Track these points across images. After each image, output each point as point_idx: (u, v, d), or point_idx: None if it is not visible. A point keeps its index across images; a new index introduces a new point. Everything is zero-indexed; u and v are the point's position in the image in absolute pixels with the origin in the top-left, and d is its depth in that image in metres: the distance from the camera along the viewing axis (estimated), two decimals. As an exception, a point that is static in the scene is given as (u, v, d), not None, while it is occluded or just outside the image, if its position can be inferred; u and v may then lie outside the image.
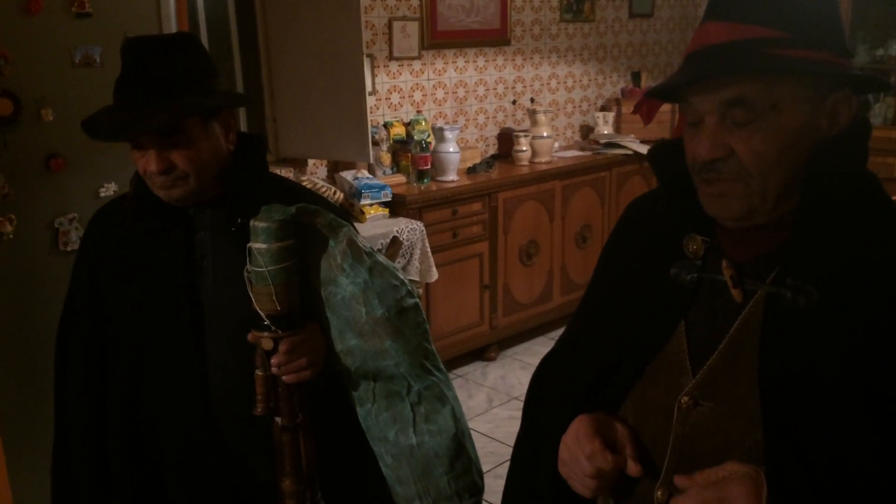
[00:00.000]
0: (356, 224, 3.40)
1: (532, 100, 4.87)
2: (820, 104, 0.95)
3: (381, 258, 1.37)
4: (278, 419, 1.35)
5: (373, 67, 4.05)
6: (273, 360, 1.30)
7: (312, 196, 1.53)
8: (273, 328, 1.29)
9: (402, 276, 1.38)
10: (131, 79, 1.33)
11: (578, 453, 1.04)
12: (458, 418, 1.42)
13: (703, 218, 1.03)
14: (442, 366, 1.46)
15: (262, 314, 1.29)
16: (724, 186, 0.95)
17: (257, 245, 1.26)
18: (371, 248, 1.37)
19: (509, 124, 4.77)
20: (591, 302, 1.24)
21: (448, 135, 3.97)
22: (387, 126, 4.10)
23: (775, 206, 0.96)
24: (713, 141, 0.94)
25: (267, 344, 1.30)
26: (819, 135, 0.95)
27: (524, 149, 4.37)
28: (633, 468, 1.02)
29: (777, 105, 0.92)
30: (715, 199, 0.97)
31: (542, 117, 4.43)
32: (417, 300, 1.41)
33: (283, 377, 1.32)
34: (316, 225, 1.32)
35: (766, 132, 0.93)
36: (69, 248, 2.41)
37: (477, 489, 1.44)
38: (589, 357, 1.13)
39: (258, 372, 1.32)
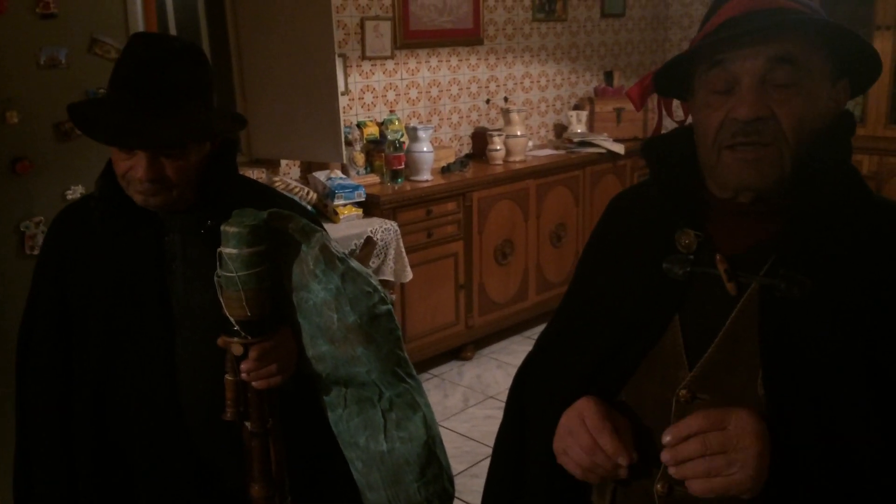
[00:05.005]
0: (330, 224, 3.39)
1: (506, 99, 4.88)
2: (833, 86, 0.99)
3: (355, 264, 1.36)
4: (248, 424, 1.33)
5: (345, 67, 4.03)
6: (242, 366, 1.29)
7: (283, 199, 1.52)
8: (243, 334, 1.28)
9: (375, 283, 1.37)
10: (140, 83, 1.29)
11: (580, 426, 1.03)
12: (429, 425, 1.42)
13: (695, 212, 1.04)
14: (414, 372, 1.46)
15: (232, 319, 1.28)
16: (758, 151, 0.96)
17: (228, 250, 1.25)
18: (344, 253, 1.36)
19: (483, 123, 4.78)
20: (577, 297, 1.23)
21: (422, 134, 3.97)
22: (360, 126, 4.08)
23: (788, 182, 0.97)
24: (756, 99, 0.94)
25: (237, 349, 1.28)
26: (827, 117, 0.98)
27: (498, 148, 4.37)
28: (629, 457, 1.00)
29: (813, 72, 0.95)
30: (748, 165, 0.97)
31: (515, 116, 4.43)
32: (390, 307, 1.40)
33: (253, 383, 1.30)
34: (288, 230, 1.31)
35: (805, 97, 0.95)
36: (35, 252, 2.37)
37: (448, 496, 1.44)
38: (580, 352, 1.12)
39: (228, 377, 1.31)
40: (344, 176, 3.81)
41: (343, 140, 3.56)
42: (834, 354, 0.93)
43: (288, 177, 3.88)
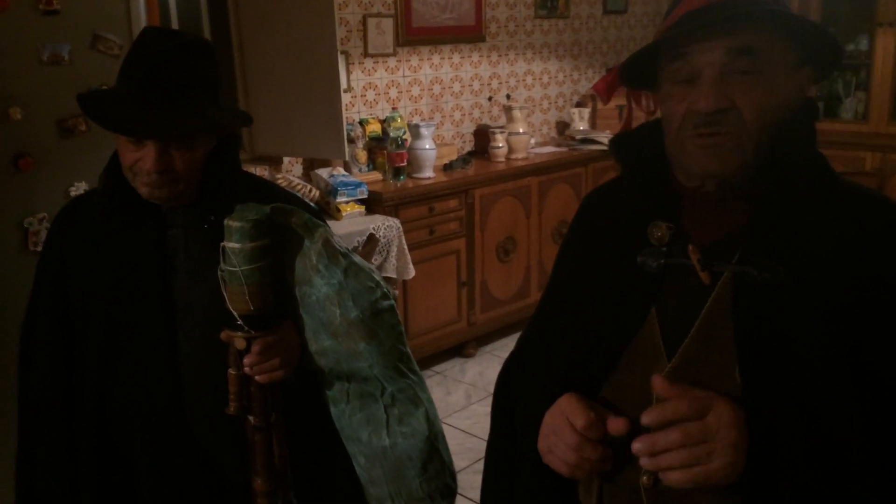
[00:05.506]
0: (332, 222, 3.39)
1: (508, 96, 4.88)
2: (796, 73, 1.01)
3: (358, 259, 1.37)
4: (251, 418, 1.34)
5: (347, 64, 4.03)
6: (246, 360, 1.29)
7: (285, 194, 1.53)
8: (246, 328, 1.28)
9: (377, 278, 1.38)
10: (151, 76, 1.30)
11: (564, 424, 1.03)
12: (431, 421, 1.42)
13: (667, 204, 1.06)
14: (416, 368, 1.46)
15: (235, 314, 1.28)
16: (721, 139, 0.98)
17: (231, 244, 1.25)
18: (347, 248, 1.37)
19: (485, 121, 4.77)
20: (555, 296, 1.24)
21: (424, 131, 3.97)
22: (362, 123, 4.09)
23: (752, 170, 0.99)
24: (717, 91, 0.96)
25: (240, 343, 1.29)
26: (791, 106, 1.00)
27: (500, 145, 4.37)
28: (614, 424, 1.00)
29: (773, 61, 0.97)
30: (711, 150, 0.98)
31: (518, 114, 4.43)
32: (393, 302, 1.40)
33: (256, 377, 1.31)
34: (291, 225, 1.31)
35: (766, 86, 0.97)
36: (38, 248, 2.37)
37: (449, 491, 1.44)
38: (560, 351, 1.13)
39: (231, 371, 1.31)
40: (346, 173, 3.81)
41: (345, 137, 3.56)
42: (808, 338, 0.94)
43: (290, 174, 3.89)
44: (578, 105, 5.20)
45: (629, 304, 1.06)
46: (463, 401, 3.77)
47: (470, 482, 2.99)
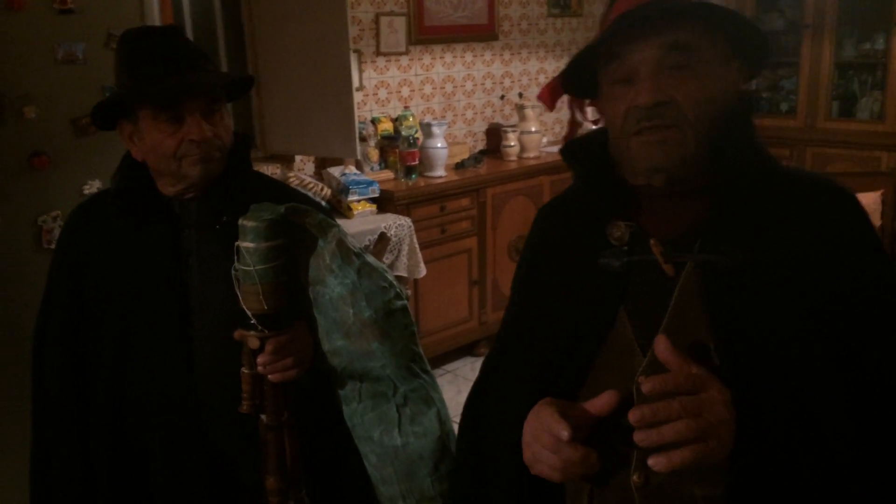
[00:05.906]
0: (343, 220, 3.39)
1: (520, 95, 4.87)
2: (727, 67, 1.04)
3: (371, 259, 1.37)
4: (263, 417, 1.34)
5: (360, 63, 4.04)
6: (259, 359, 1.30)
7: (297, 194, 1.53)
8: (260, 327, 1.28)
9: (391, 278, 1.38)
10: (164, 54, 1.33)
11: (542, 430, 1.01)
12: (443, 421, 1.42)
13: (624, 205, 1.07)
14: (429, 368, 1.46)
15: (249, 313, 1.28)
16: (663, 133, 1.00)
17: (245, 244, 1.25)
18: (361, 249, 1.37)
19: (497, 119, 4.77)
20: (520, 312, 1.23)
21: (436, 130, 3.97)
22: (374, 122, 4.09)
23: (697, 163, 1.01)
24: (655, 85, 0.99)
25: (253, 343, 1.29)
26: (727, 99, 1.03)
27: (512, 144, 4.37)
28: (600, 402, 0.99)
29: (704, 55, 1.01)
30: (655, 146, 1.01)
31: (530, 112, 4.42)
32: (406, 302, 1.41)
33: (269, 376, 1.31)
34: (305, 225, 1.31)
35: (700, 79, 1.00)
36: (52, 246, 2.38)
37: None
38: (532, 362, 1.12)
39: (244, 370, 1.31)
40: (358, 172, 3.82)
41: (357, 136, 3.56)
42: (777, 315, 0.97)
43: (302, 172, 3.89)
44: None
45: (597, 306, 1.07)
46: (474, 400, 3.76)
47: (481, 482, 2.99)
